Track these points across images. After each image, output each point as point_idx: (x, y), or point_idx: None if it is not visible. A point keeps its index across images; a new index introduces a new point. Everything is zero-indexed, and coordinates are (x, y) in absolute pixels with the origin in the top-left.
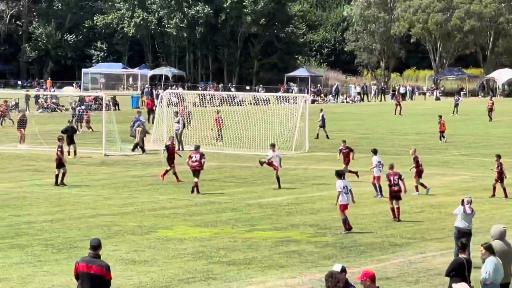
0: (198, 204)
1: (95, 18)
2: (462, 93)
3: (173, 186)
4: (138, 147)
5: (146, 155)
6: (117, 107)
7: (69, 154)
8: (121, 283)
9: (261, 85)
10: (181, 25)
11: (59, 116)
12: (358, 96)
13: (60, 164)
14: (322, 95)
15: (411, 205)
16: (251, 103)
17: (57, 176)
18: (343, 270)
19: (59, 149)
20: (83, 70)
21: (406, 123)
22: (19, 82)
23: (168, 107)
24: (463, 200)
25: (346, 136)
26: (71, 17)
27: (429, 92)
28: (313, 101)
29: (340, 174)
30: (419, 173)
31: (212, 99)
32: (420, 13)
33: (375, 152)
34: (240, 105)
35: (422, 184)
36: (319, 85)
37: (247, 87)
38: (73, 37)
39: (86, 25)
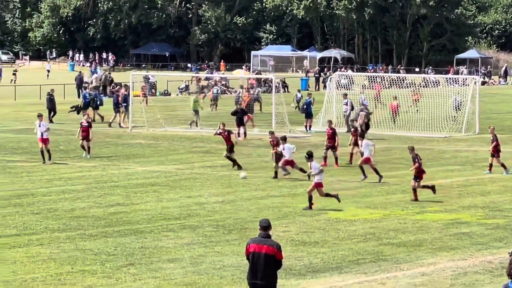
0: (368, 186)
1: (264, 0)
2: None
3: (342, 169)
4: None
5: (315, 137)
6: (286, 89)
7: (238, 136)
8: (291, 264)
9: (430, 67)
10: (350, 6)
11: (229, 98)
12: None
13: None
14: (492, 77)
15: None
16: (420, 85)
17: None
18: None
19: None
20: (253, 52)
21: None
22: (189, 65)
23: (338, 89)
24: None
25: None
26: (240, 0)
27: None
28: (483, 83)
29: (310, 156)
30: (496, 151)
31: (382, 81)
32: None
33: (362, 136)
34: (410, 87)
35: (503, 165)
36: (489, 66)
37: (416, 69)
38: (243, 19)
39: (255, 8)
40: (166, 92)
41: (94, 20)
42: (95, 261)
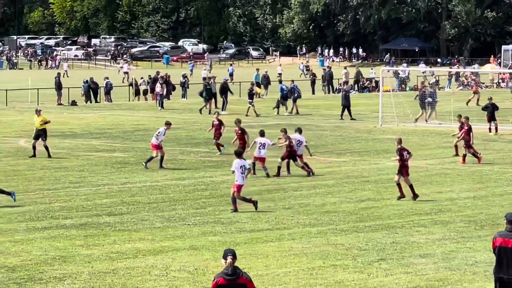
0: None
1: None
2: None
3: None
4: None
5: None
6: None
7: (490, 131)
8: None
9: None
10: None
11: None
12: None
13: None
14: None
15: None
16: None
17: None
18: None
19: None
20: (503, 47)
21: None
22: (439, 60)
23: None
24: None
25: None
26: None
27: None
28: None
29: (238, 154)
30: None
31: None
32: None
33: (300, 131)
34: None
35: None
36: None
37: None
38: (493, 13)
39: (506, 1)
40: (416, 87)
41: (344, 16)
42: (347, 255)
